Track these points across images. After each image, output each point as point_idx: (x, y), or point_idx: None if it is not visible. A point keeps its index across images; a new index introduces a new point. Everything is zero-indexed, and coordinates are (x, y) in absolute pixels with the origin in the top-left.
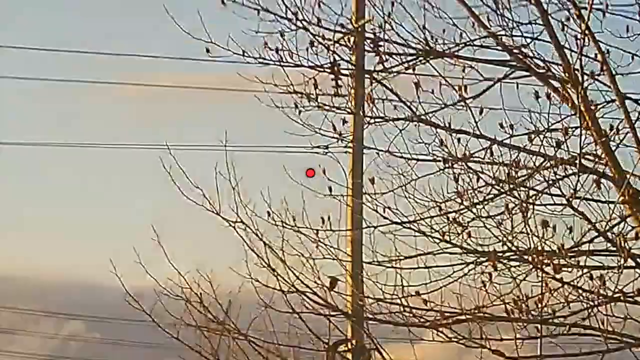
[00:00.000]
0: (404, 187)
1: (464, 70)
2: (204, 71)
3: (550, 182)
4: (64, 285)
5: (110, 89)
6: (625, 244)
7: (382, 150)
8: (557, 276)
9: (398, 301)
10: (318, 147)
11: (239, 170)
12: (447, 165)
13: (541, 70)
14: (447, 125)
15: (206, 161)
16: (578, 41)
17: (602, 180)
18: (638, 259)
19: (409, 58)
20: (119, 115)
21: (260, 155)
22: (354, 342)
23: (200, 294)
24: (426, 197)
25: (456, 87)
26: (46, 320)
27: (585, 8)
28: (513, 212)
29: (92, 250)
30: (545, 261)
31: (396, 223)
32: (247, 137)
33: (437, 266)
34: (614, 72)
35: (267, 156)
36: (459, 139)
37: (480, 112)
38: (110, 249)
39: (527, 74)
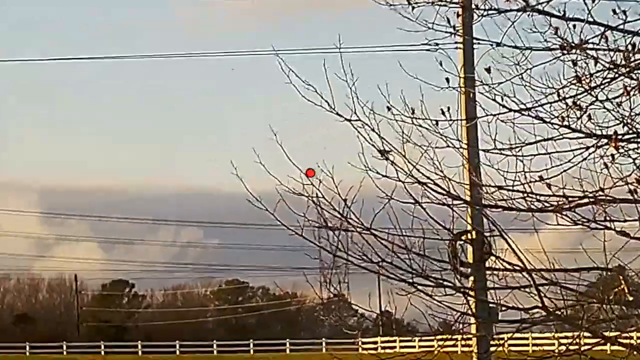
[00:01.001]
0: (520, 76)
1: None
2: None
3: None
4: (181, 193)
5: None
6: None
7: (495, 42)
8: None
9: (519, 188)
10: (428, 43)
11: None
12: (563, 53)
13: None
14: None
15: (320, 65)
16: None
17: None
18: None
19: None
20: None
21: (374, 56)
22: (474, 233)
23: (317, 193)
24: (543, 84)
25: None
26: (165, 228)
27: None
28: (632, 93)
29: (208, 158)
30: None
31: (514, 110)
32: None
33: (557, 152)
34: None
35: (382, 56)
36: (573, 26)
37: (593, 0)
38: (226, 156)
39: None
